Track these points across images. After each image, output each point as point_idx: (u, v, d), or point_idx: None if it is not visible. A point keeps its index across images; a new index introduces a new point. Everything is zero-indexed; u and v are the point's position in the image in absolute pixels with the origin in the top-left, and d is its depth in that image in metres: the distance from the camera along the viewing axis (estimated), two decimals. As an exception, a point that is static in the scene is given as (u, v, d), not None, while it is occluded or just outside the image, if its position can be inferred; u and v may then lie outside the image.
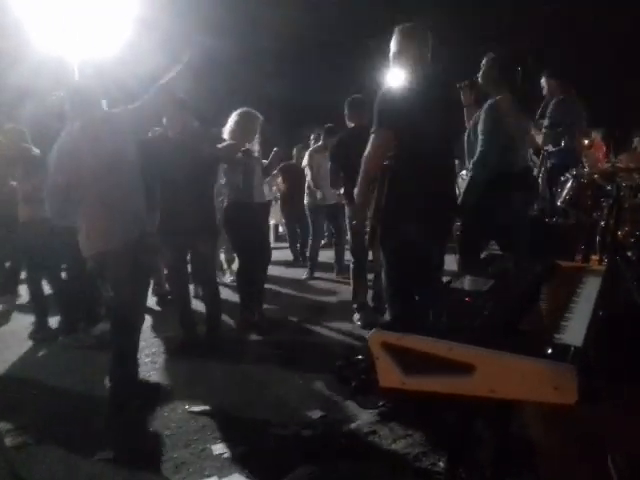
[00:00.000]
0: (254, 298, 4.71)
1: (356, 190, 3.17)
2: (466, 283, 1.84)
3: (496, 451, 1.53)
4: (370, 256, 4.67)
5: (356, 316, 4.65)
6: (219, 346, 4.12)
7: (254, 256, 4.61)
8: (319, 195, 6.81)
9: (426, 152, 2.94)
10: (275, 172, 8.37)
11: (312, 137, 8.12)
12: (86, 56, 9.51)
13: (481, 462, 1.67)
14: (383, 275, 3.24)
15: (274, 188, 8.54)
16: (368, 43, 3.16)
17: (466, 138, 3.81)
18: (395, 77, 3.12)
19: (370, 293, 4.82)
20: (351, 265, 4.80)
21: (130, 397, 3.17)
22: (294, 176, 7.88)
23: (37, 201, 4.13)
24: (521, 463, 1.86)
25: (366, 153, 2.99)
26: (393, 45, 3.10)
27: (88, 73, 8.87)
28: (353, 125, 4.66)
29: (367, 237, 3.15)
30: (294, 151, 8.52)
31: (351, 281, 4.82)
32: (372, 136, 2.96)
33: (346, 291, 5.83)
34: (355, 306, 4.73)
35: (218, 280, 4.95)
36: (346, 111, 4.76)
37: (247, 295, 4.66)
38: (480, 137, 3.50)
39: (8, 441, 2.79)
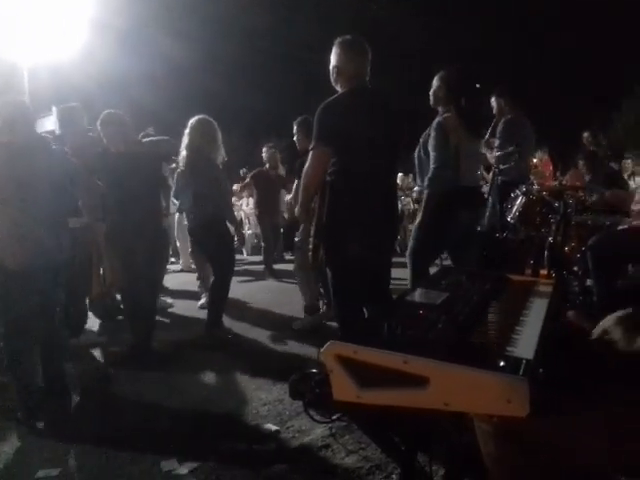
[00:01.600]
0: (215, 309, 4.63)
1: (297, 208, 3.18)
2: (419, 296, 1.86)
3: (449, 465, 1.54)
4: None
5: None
6: (166, 357, 4.04)
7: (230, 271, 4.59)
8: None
9: (366, 167, 2.93)
10: (247, 181, 8.34)
11: (264, 150, 8.09)
12: (39, 60, 9.25)
13: (434, 476, 1.68)
14: (330, 291, 3.23)
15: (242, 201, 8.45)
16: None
17: (416, 154, 3.88)
18: (335, 91, 3.10)
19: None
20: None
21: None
22: (268, 184, 7.78)
23: None
24: (474, 474, 1.88)
25: (305, 169, 2.97)
26: (333, 58, 3.07)
27: (41, 77, 8.63)
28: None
29: (310, 254, 3.11)
30: (264, 154, 8.36)
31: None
32: (311, 152, 2.93)
33: (301, 301, 5.84)
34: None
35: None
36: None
37: (219, 310, 4.59)
38: (432, 154, 3.58)
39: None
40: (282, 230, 8.65)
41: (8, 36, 8.87)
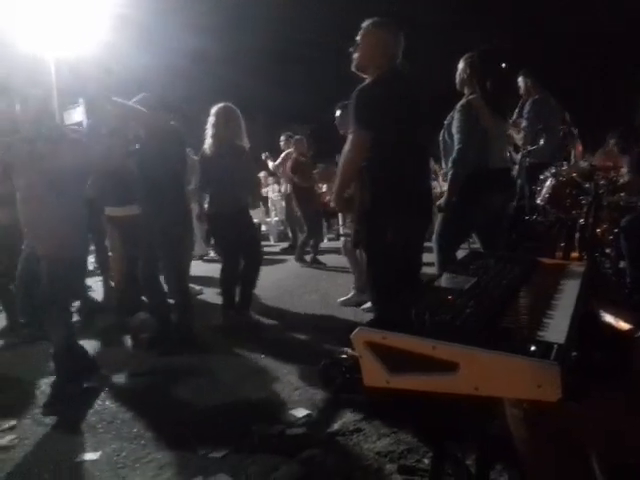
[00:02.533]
0: (244, 297, 4.71)
1: (334, 190, 3.16)
2: (447, 281, 1.86)
3: (480, 448, 1.55)
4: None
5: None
6: (196, 343, 4.12)
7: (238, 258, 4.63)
8: None
9: (405, 151, 2.93)
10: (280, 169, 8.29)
11: (282, 139, 8.05)
12: (63, 54, 9.39)
13: (466, 459, 1.69)
14: (368, 275, 3.24)
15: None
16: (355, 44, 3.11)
17: (441, 138, 3.85)
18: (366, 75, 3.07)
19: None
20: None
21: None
22: (305, 170, 7.70)
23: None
24: (505, 460, 1.89)
25: (344, 154, 2.95)
26: (366, 41, 3.04)
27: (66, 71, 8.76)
28: None
29: (352, 239, 3.14)
30: (282, 142, 8.31)
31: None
32: (351, 136, 2.91)
33: (328, 287, 5.87)
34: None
35: None
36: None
37: (230, 295, 4.65)
38: (456, 136, 3.55)
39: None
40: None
41: (34, 31, 9.02)
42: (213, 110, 4.49)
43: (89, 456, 2.63)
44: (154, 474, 2.43)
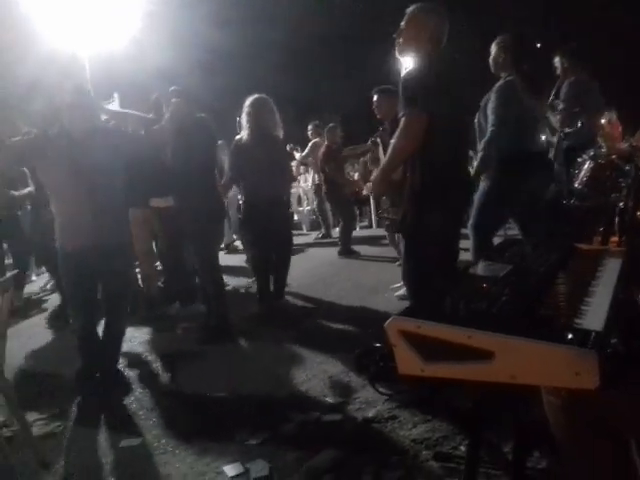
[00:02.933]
0: (278, 286, 4.78)
1: (378, 172, 3.12)
2: (482, 269, 1.84)
3: (518, 436, 1.54)
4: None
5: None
6: (232, 332, 4.20)
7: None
8: None
9: (456, 135, 2.91)
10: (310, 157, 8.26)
11: (310, 128, 7.99)
12: (96, 51, 9.54)
13: (503, 446, 1.69)
14: (405, 262, 3.21)
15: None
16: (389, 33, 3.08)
17: (476, 120, 3.79)
18: (411, 59, 3.04)
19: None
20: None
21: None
22: (338, 159, 7.66)
23: None
24: (542, 447, 1.87)
25: (398, 136, 2.87)
26: (412, 24, 3.00)
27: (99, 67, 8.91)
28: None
29: (395, 222, 3.09)
30: (309, 132, 8.27)
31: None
32: (405, 118, 2.82)
33: (361, 276, 5.87)
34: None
35: None
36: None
37: (264, 283, 4.71)
38: (490, 117, 3.50)
39: (35, 430, 2.85)
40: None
41: (67, 28, 9.18)
42: (248, 101, 4.52)
43: (130, 442, 2.71)
44: (194, 460, 2.49)
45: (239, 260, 6.92)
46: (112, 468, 2.51)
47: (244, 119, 4.50)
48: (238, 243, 8.06)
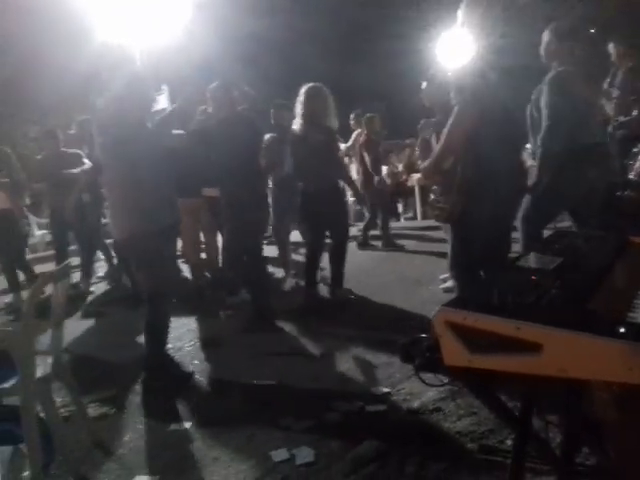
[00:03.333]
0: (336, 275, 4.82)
1: (430, 161, 3.10)
2: (532, 261, 1.81)
3: (566, 430, 1.52)
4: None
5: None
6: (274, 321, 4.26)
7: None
8: None
9: (511, 127, 2.87)
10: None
11: (352, 118, 7.87)
12: (146, 43, 9.74)
13: (551, 441, 1.66)
14: (452, 251, 3.18)
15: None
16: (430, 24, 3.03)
17: (528, 113, 3.70)
18: (465, 48, 3.00)
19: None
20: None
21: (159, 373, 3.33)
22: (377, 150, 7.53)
23: None
24: (591, 442, 1.83)
25: (453, 124, 2.87)
26: (465, 14, 2.99)
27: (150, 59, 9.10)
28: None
29: (445, 211, 3.05)
30: (352, 121, 8.17)
31: None
32: (459, 107, 2.82)
33: (405, 267, 5.84)
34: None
35: None
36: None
37: (314, 273, 4.77)
38: (544, 111, 3.41)
39: (90, 412, 2.98)
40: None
41: (118, 22, 9.41)
42: (302, 90, 4.56)
43: (180, 425, 2.80)
44: (240, 444, 2.55)
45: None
46: (161, 450, 2.60)
47: (297, 108, 4.56)
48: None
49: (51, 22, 12.55)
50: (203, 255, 5.66)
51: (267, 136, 5.13)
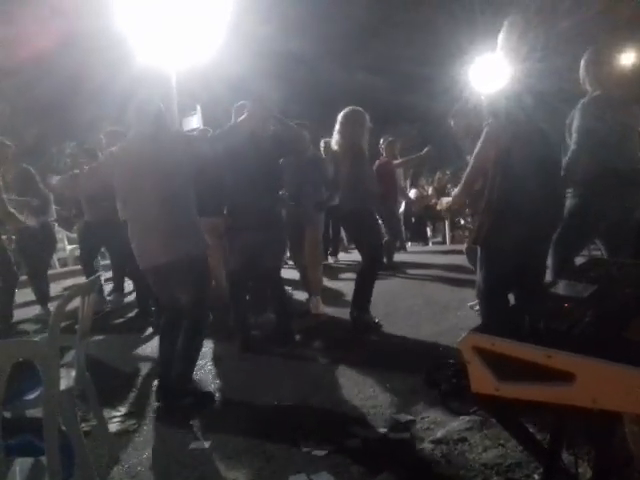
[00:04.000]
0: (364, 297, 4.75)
1: (461, 184, 3.12)
2: (564, 288, 1.76)
3: (597, 465, 1.45)
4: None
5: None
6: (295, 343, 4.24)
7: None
8: None
9: (545, 150, 2.85)
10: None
11: (382, 141, 7.86)
12: (182, 65, 9.99)
13: (581, 477, 1.59)
14: (480, 275, 3.12)
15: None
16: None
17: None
18: (501, 72, 3.00)
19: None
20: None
21: (182, 394, 3.31)
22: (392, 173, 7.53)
23: None
24: (624, 478, 1.75)
25: (482, 146, 2.90)
26: (505, 39, 2.97)
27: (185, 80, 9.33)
28: None
29: (473, 232, 3.04)
30: (382, 145, 8.19)
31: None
32: (489, 129, 2.86)
33: (433, 292, 5.77)
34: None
35: None
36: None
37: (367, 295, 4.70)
38: (574, 135, 3.37)
39: (112, 427, 2.98)
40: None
41: (156, 44, 9.68)
42: (342, 113, 4.65)
43: (200, 444, 2.78)
44: (260, 466, 2.52)
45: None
46: (181, 468, 2.57)
47: (335, 129, 4.65)
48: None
49: (93, 46, 13.01)
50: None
51: None
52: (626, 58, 8.45)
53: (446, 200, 3.93)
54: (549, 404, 1.23)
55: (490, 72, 3.14)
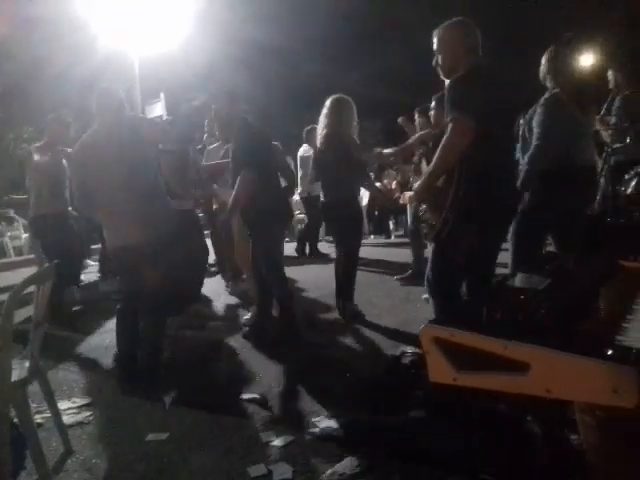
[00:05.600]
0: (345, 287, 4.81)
1: (423, 179, 3.05)
2: (521, 281, 1.80)
3: (549, 453, 1.50)
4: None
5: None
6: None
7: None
8: None
9: (503, 143, 2.87)
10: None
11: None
12: (147, 51, 9.80)
13: (534, 465, 1.63)
14: (432, 268, 3.12)
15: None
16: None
17: (520, 132, 3.72)
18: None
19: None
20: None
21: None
22: None
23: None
24: (573, 467, 1.81)
25: (446, 141, 2.81)
26: (443, 44, 2.98)
27: (150, 67, 9.16)
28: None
29: (435, 229, 3.00)
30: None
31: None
32: (453, 122, 2.76)
33: (393, 284, 5.82)
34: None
35: None
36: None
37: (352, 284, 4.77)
38: (536, 130, 3.43)
39: (66, 419, 2.91)
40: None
41: (120, 30, 9.47)
42: (327, 102, 4.60)
43: (157, 436, 2.74)
44: (218, 457, 2.50)
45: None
46: (137, 460, 2.53)
47: (321, 119, 4.61)
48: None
49: (55, 31, 12.62)
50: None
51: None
52: (585, 59, 8.71)
53: (409, 194, 3.96)
54: (505, 393, 1.25)
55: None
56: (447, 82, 2.91)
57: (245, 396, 3.15)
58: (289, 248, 7.57)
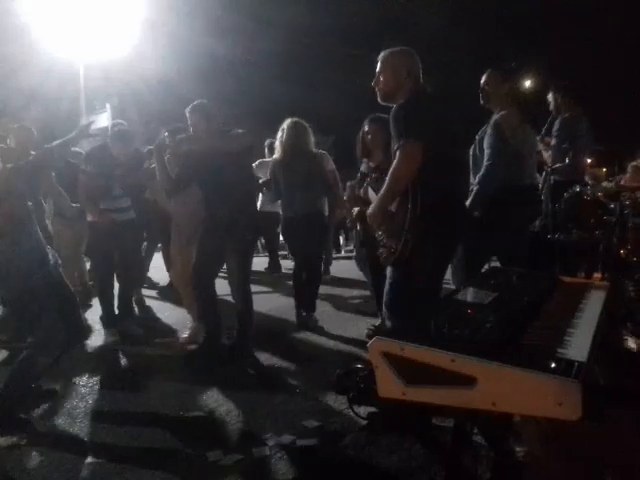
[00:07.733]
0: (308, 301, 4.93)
1: (375, 205, 3.00)
2: (468, 295, 1.84)
3: (495, 466, 1.52)
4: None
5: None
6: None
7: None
8: None
9: (453, 164, 2.92)
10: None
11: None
12: (94, 59, 9.58)
13: (479, 477, 1.66)
14: (391, 291, 3.10)
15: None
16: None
17: (471, 152, 3.83)
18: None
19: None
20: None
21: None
22: None
23: None
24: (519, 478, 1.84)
25: (396, 166, 2.79)
26: (386, 67, 3.01)
27: (96, 75, 8.96)
28: None
29: (392, 251, 2.96)
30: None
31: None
32: (401, 149, 2.76)
33: (342, 299, 5.85)
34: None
35: None
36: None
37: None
38: (486, 151, 3.55)
39: (1, 441, 2.76)
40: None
41: (65, 36, 9.22)
42: (284, 125, 4.72)
43: (97, 459, 2.62)
44: (165, 478, 2.42)
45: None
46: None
47: (278, 139, 4.72)
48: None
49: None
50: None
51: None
52: (521, 81, 9.05)
53: (357, 210, 3.98)
54: (452, 407, 1.26)
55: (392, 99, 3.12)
56: (393, 107, 2.91)
57: (191, 415, 3.07)
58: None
